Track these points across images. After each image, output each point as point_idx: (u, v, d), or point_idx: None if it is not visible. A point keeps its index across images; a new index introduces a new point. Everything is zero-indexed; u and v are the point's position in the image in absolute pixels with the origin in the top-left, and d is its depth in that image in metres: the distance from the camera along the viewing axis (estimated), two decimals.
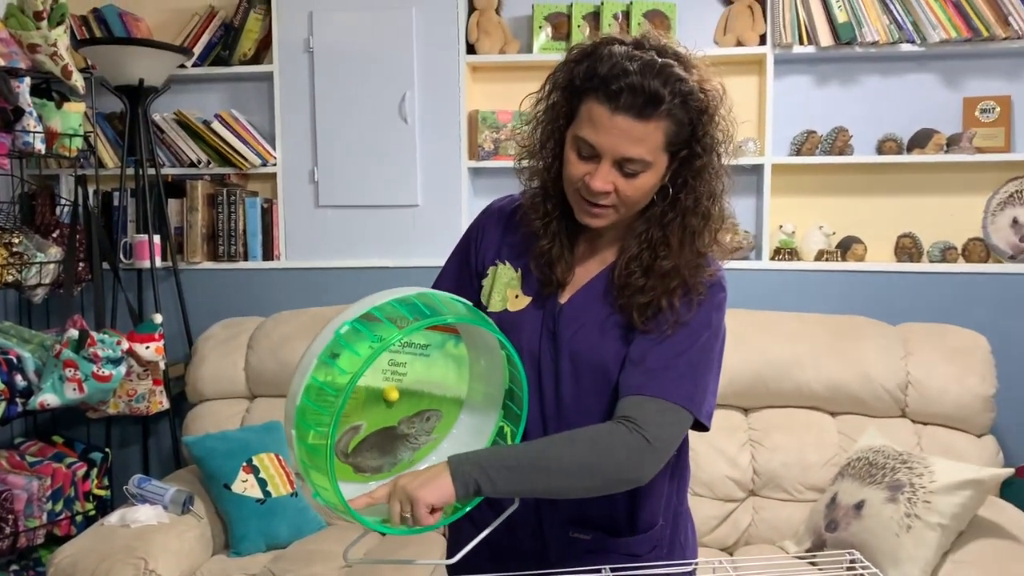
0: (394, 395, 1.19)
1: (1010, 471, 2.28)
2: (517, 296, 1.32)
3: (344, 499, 1.12)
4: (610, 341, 1.26)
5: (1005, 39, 2.80)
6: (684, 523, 1.42)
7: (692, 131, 1.19)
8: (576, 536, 1.33)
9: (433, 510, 1.13)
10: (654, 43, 1.19)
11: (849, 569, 1.26)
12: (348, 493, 1.16)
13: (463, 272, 1.40)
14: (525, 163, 1.31)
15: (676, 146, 1.19)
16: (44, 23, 2.64)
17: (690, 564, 1.34)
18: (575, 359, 1.27)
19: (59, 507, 2.70)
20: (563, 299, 1.30)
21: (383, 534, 2.23)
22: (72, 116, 2.77)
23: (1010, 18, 2.76)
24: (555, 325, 1.29)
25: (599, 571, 1.12)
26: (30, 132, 2.60)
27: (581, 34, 3.00)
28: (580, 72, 1.19)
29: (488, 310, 1.33)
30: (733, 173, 1.26)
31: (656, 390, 1.19)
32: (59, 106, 2.74)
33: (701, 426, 1.24)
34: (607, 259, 1.30)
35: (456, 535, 1.44)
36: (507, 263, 1.34)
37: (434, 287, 1.41)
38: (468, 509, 1.22)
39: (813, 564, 2.11)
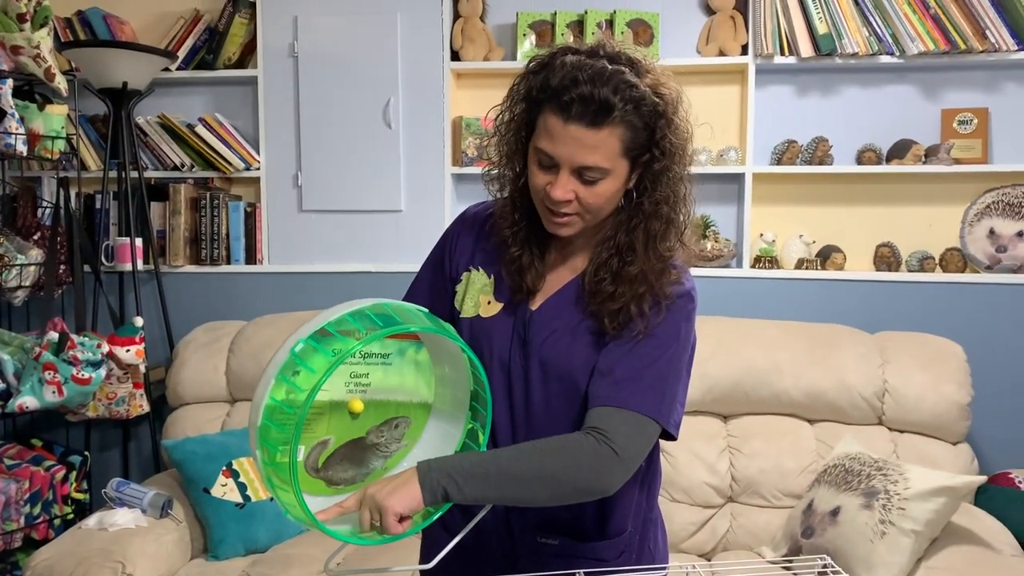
0: (358, 407, 1.19)
1: (983, 479, 2.31)
2: (490, 302, 1.32)
3: (312, 514, 1.12)
4: (580, 348, 1.26)
5: (982, 52, 2.83)
6: (654, 530, 1.42)
7: (650, 135, 1.19)
8: (544, 541, 1.34)
9: (402, 519, 1.14)
10: (608, 51, 1.20)
11: (821, 574, 1.28)
12: (321, 506, 1.16)
13: (437, 278, 1.40)
14: (494, 173, 1.32)
15: (635, 151, 1.20)
16: (27, 25, 2.64)
17: (663, 568, 1.35)
18: (544, 366, 1.28)
19: (37, 510, 2.69)
20: (534, 306, 1.31)
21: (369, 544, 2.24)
22: (55, 118, 2.77)
23: (987, 31, 2.80)
24: (525, 332, 1.29)
25: (573, 575, 1.14)
26: (12, 134, 2.60)
27: (565, 42, 3.01)
28: (536, 83, 1.20)
29: (461, 316, 1.34)
30: (715, 182, 1.28)
31: (624, 401, 1.20)
32: (42, 108, 2.74)
33: (668, 435, 1.25)
34: (578, 266, 1.31)
35: (430, 541, 1.45)
36: (480, 269, 1.35)
37: (409, 293, 1.43)
38: (437, 516, 1.22)
39: (787, 569, 2.13)
